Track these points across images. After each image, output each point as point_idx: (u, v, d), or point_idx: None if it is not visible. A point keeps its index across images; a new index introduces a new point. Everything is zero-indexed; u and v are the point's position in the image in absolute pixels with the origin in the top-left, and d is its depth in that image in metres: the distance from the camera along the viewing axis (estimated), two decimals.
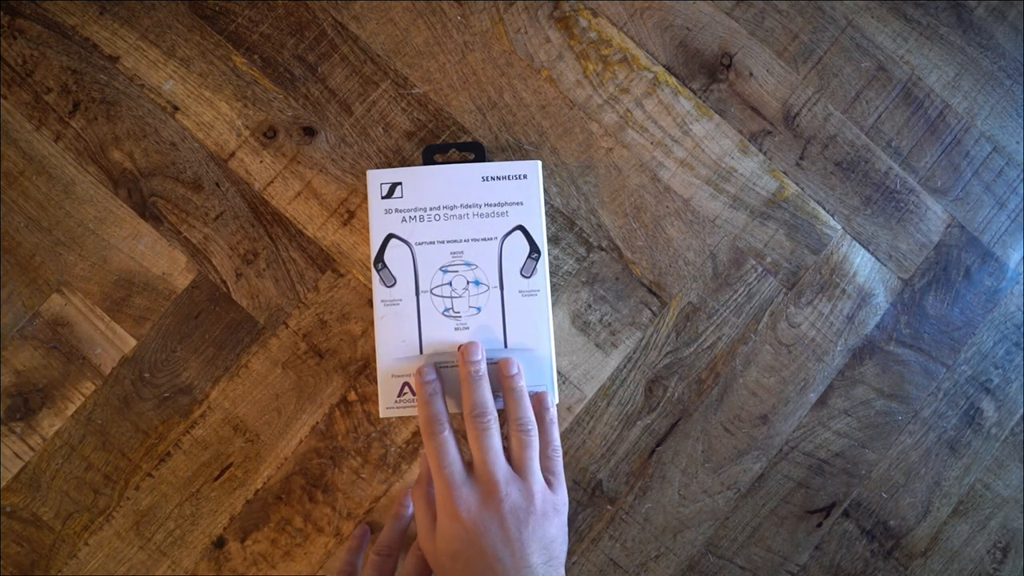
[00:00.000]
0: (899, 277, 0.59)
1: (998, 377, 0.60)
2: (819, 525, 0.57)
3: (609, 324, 0.56)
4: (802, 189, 0.58)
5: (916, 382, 0.59)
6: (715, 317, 0.57)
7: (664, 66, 0.58)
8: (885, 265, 0.59)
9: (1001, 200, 0.60)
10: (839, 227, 0.59)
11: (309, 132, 0.55)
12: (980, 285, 0.60)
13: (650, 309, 0.56)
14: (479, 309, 0.49)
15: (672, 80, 0.58)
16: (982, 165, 0.60)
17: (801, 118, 0.59)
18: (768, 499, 0.57)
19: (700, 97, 0.58)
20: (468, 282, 0.49)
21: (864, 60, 0.60)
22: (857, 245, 0.59)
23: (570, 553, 0.55)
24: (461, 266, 0.49)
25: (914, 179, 0.60)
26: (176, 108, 0.54)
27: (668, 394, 0.56)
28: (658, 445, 0.56)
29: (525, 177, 0.49)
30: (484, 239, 0.49)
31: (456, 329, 0.48)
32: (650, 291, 0.56)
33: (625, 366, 0.56)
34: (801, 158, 0.59)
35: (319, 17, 0.55)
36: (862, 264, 0.59)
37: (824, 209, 0.59)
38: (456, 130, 0.55)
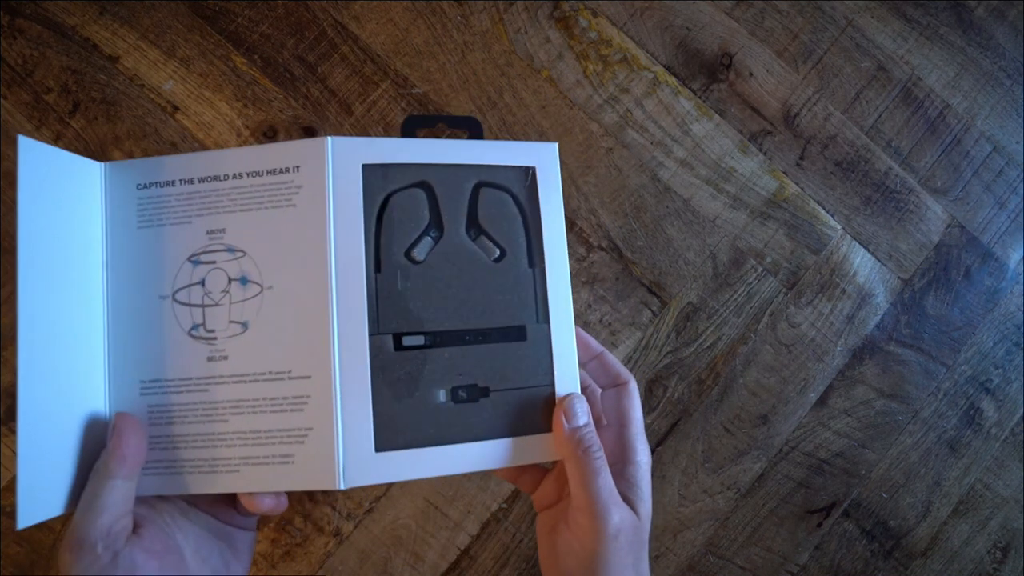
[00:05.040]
0: (899, 277, 0.59)
1: (998, 377, 0.60)
2: (819, 525, 0.57)
3: (609, 324, 0.56)
4: (802, 189, 0.58)
5: (916, 382, 0.59)
6: (715, 317, 0.57)
7: (664, 66, 0.58)
8: (885, 265, 0.59)
9: (1001, 200, 0.60)
10: (839, 227, 0.59)
11: (309, 132, 0.55)
12: (980, 285, 0.60)
13: (650, 309, 0.56)
14: None
15: (672, 80, 0.58)
16: (982, 165, 0.60)
17: (801, 118, 0.59)
18: (768, 499, 0.57)
19: (700, 97, 0.58)
20: None
21: (864, 60, 0.60)
22: (857, 245, 0.59)
23: None
24: None
25: (914, 179, 0.60)
26: (176, 108, 0.54)
27: (668, 394, 0.56)
28: (658, 445, 0.56)
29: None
30: None
31: None
32: (650, 291, 0.56)
33: (625, 366, 0.56)
34: (801, 158, 0.59)
35: (319, 17, 0.55)
36: (862, 264, 0.59)
37: (824, 209, 0.59)
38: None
